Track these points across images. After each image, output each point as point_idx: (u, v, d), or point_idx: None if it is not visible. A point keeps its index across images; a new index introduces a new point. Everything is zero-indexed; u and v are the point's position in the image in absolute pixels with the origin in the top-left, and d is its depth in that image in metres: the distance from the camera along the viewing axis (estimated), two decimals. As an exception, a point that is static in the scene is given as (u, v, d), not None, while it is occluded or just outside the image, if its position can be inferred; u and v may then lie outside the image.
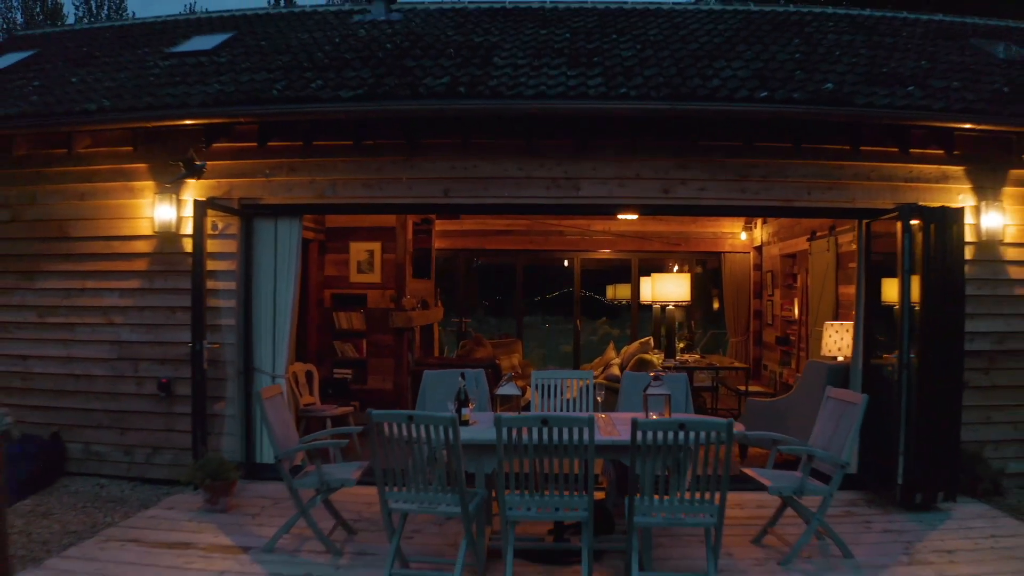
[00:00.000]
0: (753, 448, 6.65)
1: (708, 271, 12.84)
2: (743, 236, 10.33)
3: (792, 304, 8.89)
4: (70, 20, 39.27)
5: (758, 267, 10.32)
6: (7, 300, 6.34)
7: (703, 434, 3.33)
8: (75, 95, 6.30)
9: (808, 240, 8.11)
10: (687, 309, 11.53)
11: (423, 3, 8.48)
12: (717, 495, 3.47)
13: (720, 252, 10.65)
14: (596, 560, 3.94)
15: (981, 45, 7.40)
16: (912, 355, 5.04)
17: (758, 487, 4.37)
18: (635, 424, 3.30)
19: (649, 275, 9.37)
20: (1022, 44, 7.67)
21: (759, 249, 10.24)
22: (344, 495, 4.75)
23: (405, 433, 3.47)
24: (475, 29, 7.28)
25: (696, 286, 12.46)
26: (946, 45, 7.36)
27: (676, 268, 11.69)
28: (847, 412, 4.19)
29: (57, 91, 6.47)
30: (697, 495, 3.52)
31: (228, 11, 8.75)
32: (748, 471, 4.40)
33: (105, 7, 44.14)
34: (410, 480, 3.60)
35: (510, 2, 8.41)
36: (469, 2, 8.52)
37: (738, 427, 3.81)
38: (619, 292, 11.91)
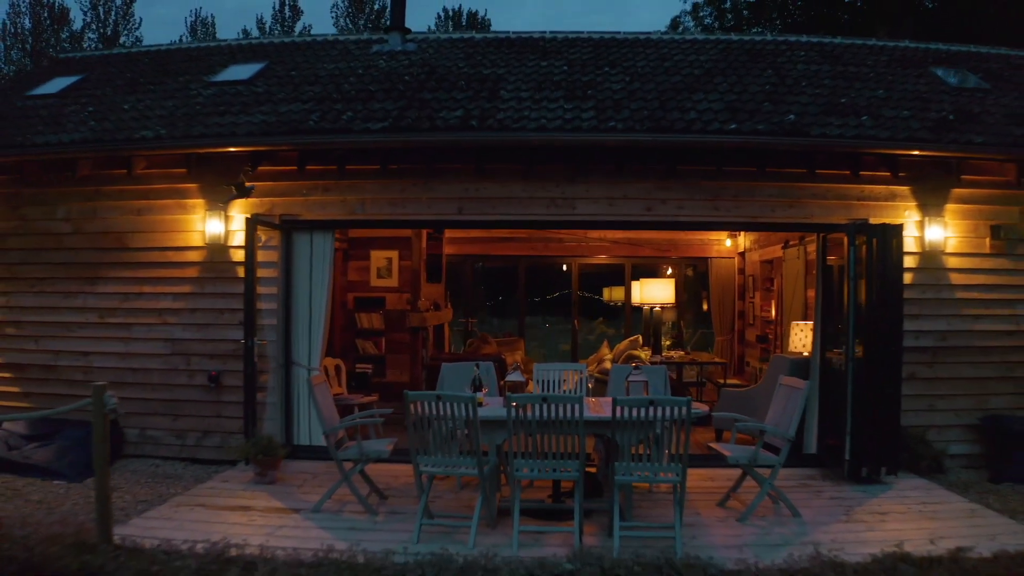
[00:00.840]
0: (727, 432, 7.52)
1: (698, 274, 13.71)
2: (728, 243, 11.20)
3: (770, 306, 9.77)
4: (77, 24, 40.15)
5: (741, 271, 11.19)
6: (71, 303, 7.23)
7: (669, 409, 4.20)
8: (130, 122, 7.18)
9: (782, 248, 8.98)
10: (678, 309, 12.42)
11: (435, 34, 9.34)
12: (682, 457, 4.34)
13: (707, 257, 11.52)
14: (586, 517, 4.80)
15: (937, 72, 8.27)
16: (857, 350, 5.92)
17: (726, 464, 5.24)
18: (615, 401, 4.17)
19: (640, 279, 10.25)
20: (978, 69, 8.56)
21: (742, 255, 11.12)
22: (375, 470, 5.62)
23: (433, 410, 4.35)
24: (483, 61, 8.15)
25: (687, 288, 13.38)
26: (905, 73, 8.22)
27: (669, 271, 12.58)
28: (793, 395, 5.05)
29: (113, 117, 7.35)
30: (666, 460, 4.39)
31: (257, 40, 9.63)
32: (713, 445, 5.28)
33: (113, 13, 45.00)
34: (437, 448, 4.48)
35: (513, 33, 9.28)
36: (476, 33, 9.40)
37: (702, 407, 4.68)
38: (614, 294, 12.79)
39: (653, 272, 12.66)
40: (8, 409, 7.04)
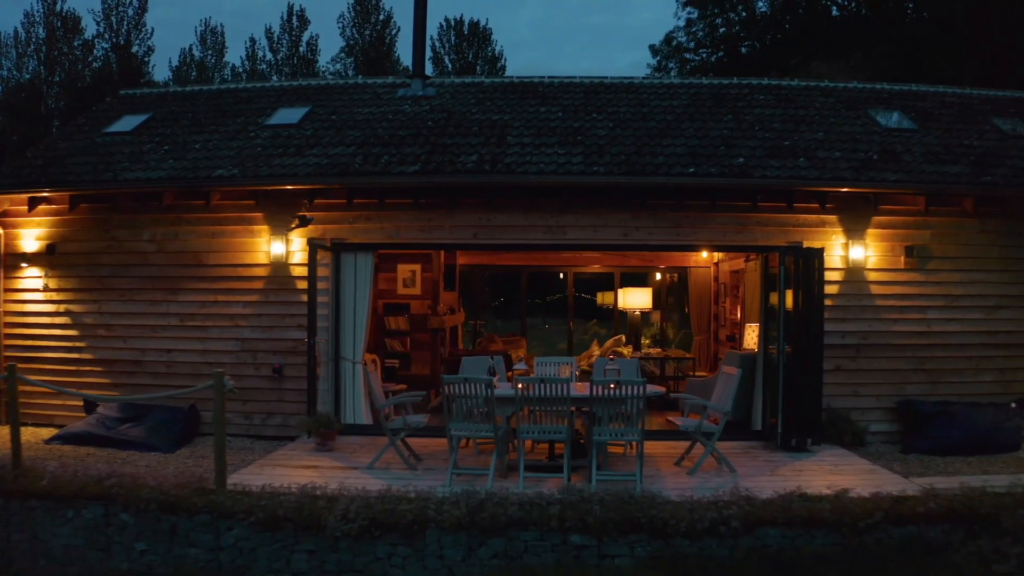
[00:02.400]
0: (694, 413, 9.16)
1: (681, 281, 15.35)
2: (704, 255, 12.82)
3: (737, 310, 11.39)
4: (89, 32, 41.87)
5: (716, 279, 12.82)
6: (156, 309, 8.87)
7: (631, 388, 5.83)
8: (204, 160, 8.82)
9: (745, 261, 10.60)
10: (666, 311, 14.05)
11: (450, 79, 10.98)
12: (640, 423, 5.97)
13: (686, 267, 13.15)
14: (573, 471, 6.42)
15: (872, 114, 9.88)
16: (787, 346, 7.55)
17: (685, 436, 6.87)
18: (592, 382, 5.81)
19: (623, 287, 11.91)
20: (913, 108, 10.16)
21: (716, 265, 12.74)
22: (412, 441, 7.25)
23: (461, 389, 5.98)
24: (492, 107, 9.78)
25: (671, 294, 15.00)
26: (846, 115, 9.84)
27: (659, 277, 14.22)
28: (730, 380, 6.68)
29: (189, 156, 8.98)
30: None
31: (298, 83, 11.24)
32: (670, 418, 6.91)
33: (125, 23, 46.59)
34: (464, 418, 6.11)
35: (516, 78, 10.90)
36: (485, 78, 11.04)
37: (660, 388, 6.30)
38: (606, 299, 14.44)
39: (641, 279, 14.31)
40: (99, 398, 8.69)
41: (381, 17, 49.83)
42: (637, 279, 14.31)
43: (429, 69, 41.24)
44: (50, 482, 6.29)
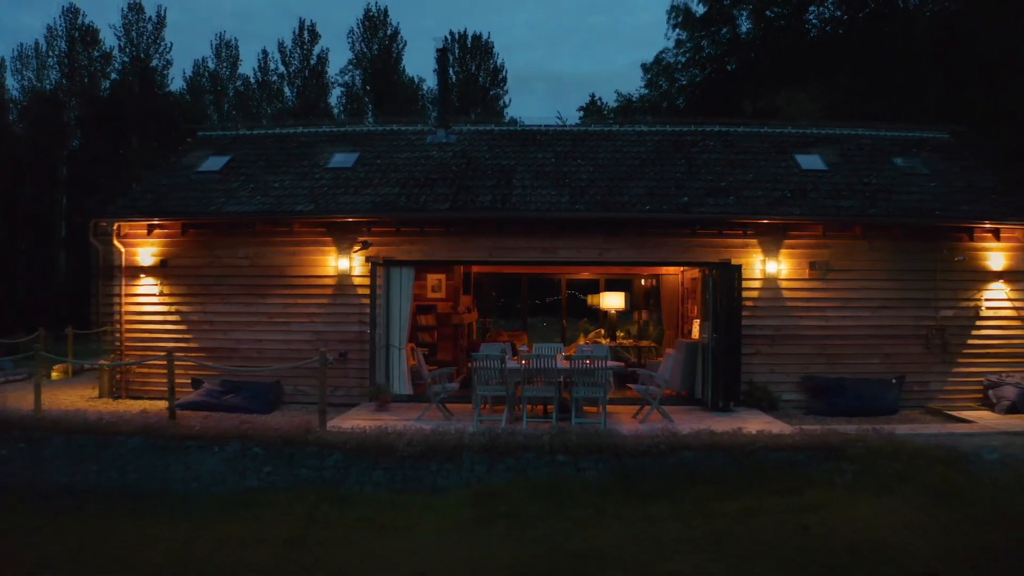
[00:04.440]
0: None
1: (657, 286, 18.28)
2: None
3: (695, 309, 14.29)
4: (108, 44, 44.75)
5: (683, 285, 15.72)
6: (249, 309, 11.78)
7: (599, 361, 8.75)
8: (284, 197, 11.75)
9: (699, 272, 13.49)
10: (646, 310, 16.95)
11: (468, 126, 13.90)
12: (605, 387, 8.91)
13: (659, 275, 16.06)
14: (560, 422, 9.33)
15: (795, 156, 12.78)
16: (715, 335, 10.47)
17: (639, 401, 9.78)
18: (568, 358, 8.74)
19: (602, 292, 14.83)
20: (831, 151, 13.06)
21: (683, 273, 15.65)
22: (444, 406, 10.17)
23: (484, 364, 8.91)
24: (501, 153, 12.70)
25: (652, 296, 17.88)
26: (775, 158, 12.76)
27: (643, 282, 17.13)
28: (670, 359, 9.60)
29: (272, 193, 11.91)
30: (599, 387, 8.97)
31: (347, 129, 14.18)
32: (630, 386, 9.84)
33: (144, 37, 49.34)
34: (486, 382, 9.05)
35: (520, 126, 13.85)
36: (495, 126, 13.99)
37: (619, 363, 9.23)
38: (594, 300, 17.36)
39: (626, 284, 17.22)
40: (206, 376, 11.60)
41: (388, 32, 52.78)
42: (622, 284, 17.22)
43: (433, 81, 43.26)
44: (201, 427, 9.22)
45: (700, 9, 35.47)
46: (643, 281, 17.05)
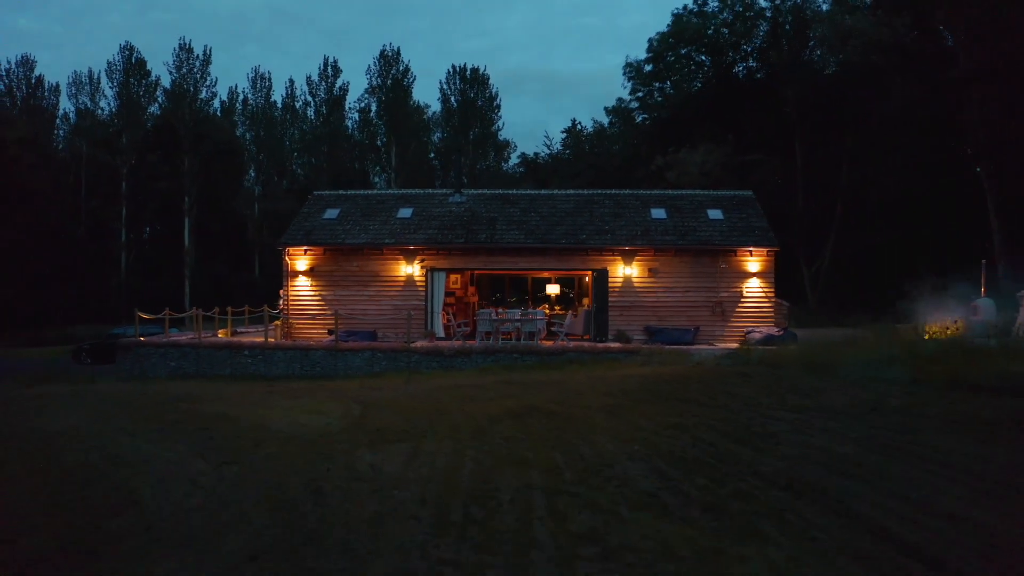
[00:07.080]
0: (573, 335, 23.01)
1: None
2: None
3: (590, 293, 25.11)
4: (156, 73, 55.41)
5: (587, 280, 26.53)
6: (358, 294, 22.59)
7: (534, 316, 19.58)
8: (376, 234, 22.61)
9: (591, 273, 24.33)
10: (572, 293, 27.80)
11: (474, 191, 24.72)
12: (539, 331, 19.78)
13: (578, 275, 26.84)
14: (516, 342, 20.14)
15: (650, 210, 23.64)
16: (596, 306, 21.36)
17: (557, 337, 20.62)
18: (521, 316, 19.59)
19: (551, 284, 25.75)
20: (674, 207, 23.92)
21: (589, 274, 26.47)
22: (459, 343, 20.96)
23: (482, 317, 19.76)
24: (490, 208, 23.53)
25: (574, 286, 28.80)
26: (640, 211, 23.62)
27: (586, 279, 28.00)
28: (571, 318, 20.42)
29: (370, 231, 22.76)
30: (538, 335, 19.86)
31: (405, 192, 25.00)
32: (554, 330, 20.79)
33: (193, 71, 59.77)
34: (484, 326, 19.91)
35: (500, 192, 24.71)
36: (488, 191, 24.87)
37: (546, 318, 20.16)
38: (548, 290, 28.18)
39: (568, 281, 28.07)
40: (335, 329, 22.43)
41: (401, 68, 63.54)
42: (566, 281, 28.03)
43: (437, 107, 55.71)
44: (350, 346, 20.07)
45: (648, 67, 46.25)
46: (580, 279, 27.94)
